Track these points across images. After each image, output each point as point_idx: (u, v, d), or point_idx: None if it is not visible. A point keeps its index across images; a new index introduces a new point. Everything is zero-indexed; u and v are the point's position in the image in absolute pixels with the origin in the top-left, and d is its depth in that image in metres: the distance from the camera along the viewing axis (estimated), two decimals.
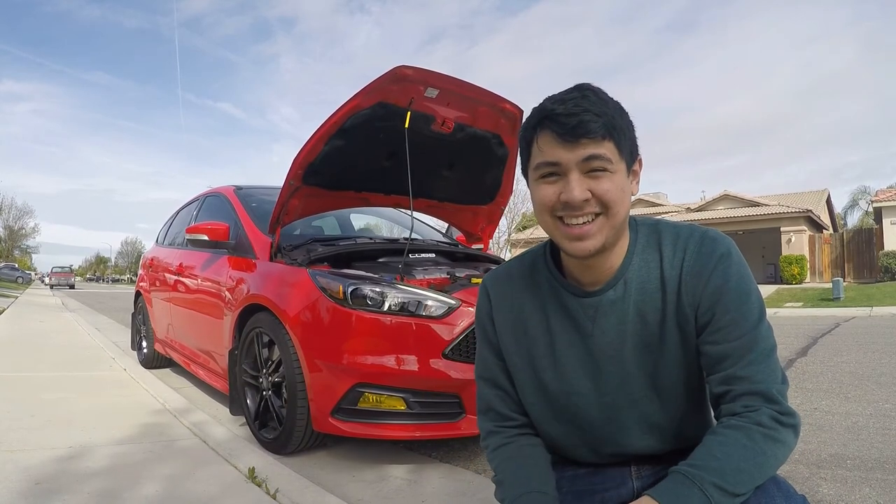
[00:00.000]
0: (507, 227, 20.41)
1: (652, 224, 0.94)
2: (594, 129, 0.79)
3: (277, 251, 2.77)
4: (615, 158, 0.82)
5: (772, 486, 0.79)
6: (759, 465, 0.77)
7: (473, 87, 2.59)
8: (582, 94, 0.82)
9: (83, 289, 37.74)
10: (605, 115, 0.81)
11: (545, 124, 0.82)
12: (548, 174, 0.84)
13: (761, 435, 0.78)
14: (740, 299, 0.85)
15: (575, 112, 0.80)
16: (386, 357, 2.20)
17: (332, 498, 1.81)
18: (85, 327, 7.36)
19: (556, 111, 0.81)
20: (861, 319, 9.39)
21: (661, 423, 0.93)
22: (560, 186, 0.83)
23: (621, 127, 0.83)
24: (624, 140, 0.83)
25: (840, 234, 20.51)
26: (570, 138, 0.80)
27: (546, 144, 0.83)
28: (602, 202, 0.82)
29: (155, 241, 5.21)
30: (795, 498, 0.78)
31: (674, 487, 0.76)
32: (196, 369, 3.58)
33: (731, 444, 0.78)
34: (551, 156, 0.82)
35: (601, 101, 0.82)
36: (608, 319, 0.90)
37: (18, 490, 1.79)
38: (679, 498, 0.74)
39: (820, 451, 2.47)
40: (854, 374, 4.22)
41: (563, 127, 0.80)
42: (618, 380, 0.92)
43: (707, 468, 0.76)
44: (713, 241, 0.88)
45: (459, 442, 2.59)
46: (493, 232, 3.63)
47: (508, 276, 1.02)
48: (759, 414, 0.80)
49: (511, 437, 1.02)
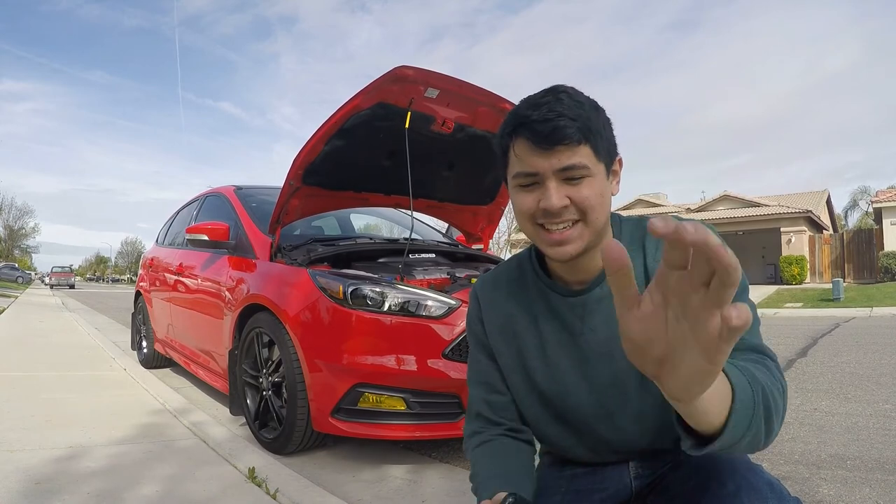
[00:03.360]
0: (507, 227, 20.38)
1: (636, 221, 0.94)
2: (569, 134, 0.78)
3: (277, 251, 2.78)
4: (592, 163, 0.81)
5: (765, 487, 0.78)
6: (777, 409, 0.71)
7: (473, 87, 2.59)
8: (556, 98, 0.81)
9: (83, 289, 37.74)
10: (580, 118, 0.79)
11: (520, 132, 0.82)
12: (526, 183, 0.84)
13: (779, 382, 0.74)
14: None
15: (549, 118, 0.79)
16: (386, 357, 2.20)
17: (332, 498, 1.81)
18: (85, 327, 7.36)
19: (530, 118, 0.80)
20: (861, 320, 9.38)
21: (655, 419, 0.93)
22: (539, 194, 0.83)
23: (597, 129, 0.82)
24: (601, 142, 0.82)
25: (840, 235, 20.50)
26: (546, 145, 0.79)
27: (522, 153, 0.82)
28: (580, 209, 0.82)
29: (155, 241, 5.21)
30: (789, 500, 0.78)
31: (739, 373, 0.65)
32: (196, 369, 3.58)
33: (766, 376, 0.72)
34: (529, 166, 0.82)
35: (576, 103, 0.81)
36: (597, 317, 0.91)
37: (18, 490, 1.79)
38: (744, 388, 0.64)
39: (820, 451, 2.47)
40: (854, 375, 4.22)
41: (538, 135, 0.79)
42: (610, 377, 0.92)
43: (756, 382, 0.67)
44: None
45: (459, 442, 2.58)
46: (493, 232, 3.63)
47: (496, 281, 1.03)
48: (766, 360, 0.77)
49: (494, 435, 1.02)
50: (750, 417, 0.64)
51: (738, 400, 0.61)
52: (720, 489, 0.79)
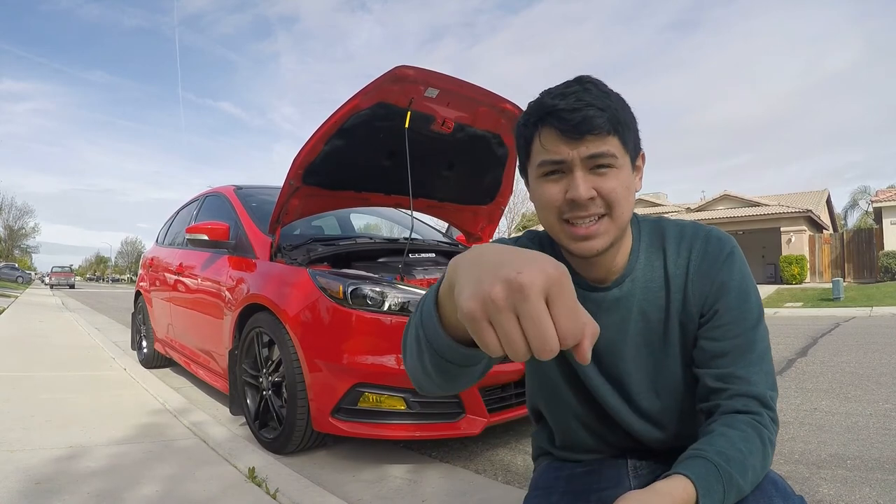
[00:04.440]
0: (507, 227, 20.40)
1: (654, 222, 0.93)
2: (599, 124, 0.76)
3: (277, 251, 2.77)
4: (620, 154, 0.79)
5: (770, 486, 0.78)
6: (763, 468, 0.78)
7: (473, 86, 2.59)
8: (584, 87, 0.78)
9: (83, 288, 37.74)
10: (609, 109, 0.77)
11: (547, 120, 0.79)
12: (551, 171, 0.81)
13: (768, 440, 0.79)
14: (741, 298, 0.85)
15: (578, 107, 0.76)
16: (386, 357, 2.20)
17: (332, 498, 1.81)
18: (85, 327, 7.36)
19: (558, 106, 0.77)
20: (861, 319, 9.38)
21: (661, 419, 0.93)
22: (564, 185, 0.80)
23: (625, 121, 0.80)
24: (628, 134, 0.81)
25: (840, 235, 20.50)
26: (575, 135, 0.77)
27: (549, 142, 0.79)
28: (607, 202, 0.80)
29: (155, 241, 5.21)
30: (793, 499, 0.78)
31: (706, 475, 0.71)
32: (196, 369, 3.58)
33: (750, 442, 0.77)
34: (556, 153, 0.79)
35: (604, 93, 0.79)
36: (610, 317, 0.90)
37: (18, 490, 1.79)
38: (710, 491, 0.70)
39: (820, 451, 2.47)
40: (854, 374, 4.22)
41: (567, 123, 0.77)
42: (617, 378, 0.92)
43: (732, 461, 0.73)
44: (719, 240, 0.88)
45: (459, 442, 2.59)
46: (493, 232, 3.63)
47: None
48: (762, 418, 0.80)
49: None
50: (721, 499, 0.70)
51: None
52: None
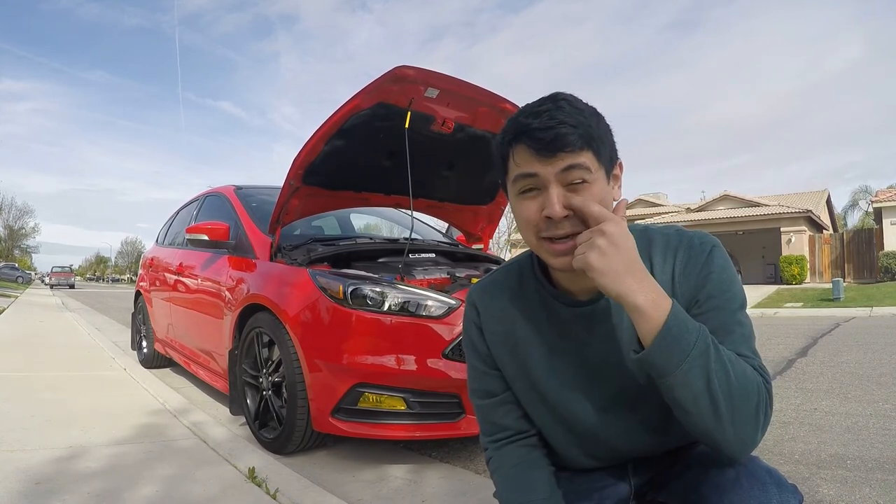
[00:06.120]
0: (507, 227, 20.40)
1: (641, 230, 0.93)
2: (571, 140, 0.78)
3: (277, 251, 2.77)
4: (594, 167, 0.81)
5: (764, 474, 0.79)
6: (747, 381, 0.76)
7: (473, 86, 2.58)
8: (556, 105, 0.80)
9: (83, 288, 37.75)
10: (582, 125, 0.79)
11: (520, 139, 0.81)
12: (527, 189, 0.83)
13: (762, 380, 0.78)
14: (723, 286, 0.86)
15: (550, 125, 0.78)
16: (386, 357, 2.20)
17: (332, 498, 1.81)
18: (85, 327, 7.36)
19: (531, 125, 0.79)
20: (861, 320, 9.38)
21: (659, 426, 0.93)
22: (541, 202, 0.82)
23: (599, 135, 0.81)
24: (603, 147, 0.82)
25: (840, 235, 20.50)
26: (547, 153, 0.79)
27: (523, 160, 0.81)
28: (582, 217, 0.81)
29: (155, 241, 5.21)
30: (787, 486, 0.79)
31: (686, 317, 0.77)
32: (196, 369, 3.58)
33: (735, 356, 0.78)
34: (528, 167, 0.81)
35: (576, 110, 0.80)
36: (603, 327, 0.90)
37: (18, 490, 1.79)
38: (683, 320, 0.75)
39: (820, 451, 2.47)
40: (854, 374, 4.22)
41: (539, 142, 0.79)
42: (615, 388, 0.92)
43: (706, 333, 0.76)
44: (701, 241, 0.89)
45: (459, 442, 2.59)
46: (493, 232, 3.63)
47: (495, 288, 1.01)
48: (751, 361, 0.80)
49: (507, 445, 1.02)
50: (690, 346, 0.73)
51: (672, 315, 0.74)
52: (720, 476, 0.81)
